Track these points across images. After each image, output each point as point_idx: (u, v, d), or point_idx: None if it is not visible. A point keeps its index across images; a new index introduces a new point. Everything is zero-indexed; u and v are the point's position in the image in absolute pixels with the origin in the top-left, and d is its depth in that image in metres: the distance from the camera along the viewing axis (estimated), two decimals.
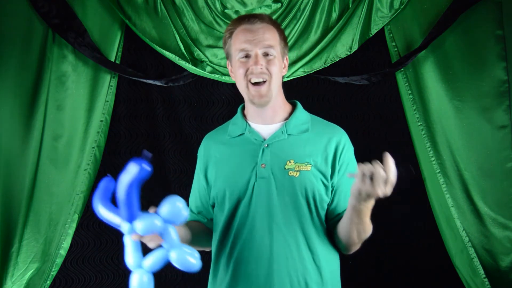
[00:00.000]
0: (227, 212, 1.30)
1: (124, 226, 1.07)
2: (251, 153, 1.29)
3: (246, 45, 1.25)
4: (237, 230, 1.28)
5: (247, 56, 1.26)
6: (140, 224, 1.05)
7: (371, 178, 1.03)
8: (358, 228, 1.22)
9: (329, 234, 1.35)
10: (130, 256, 1.11)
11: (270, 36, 1.26)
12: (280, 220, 1.25)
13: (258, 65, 1.23)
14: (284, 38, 1.32)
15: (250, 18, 1.27)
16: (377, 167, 1.03)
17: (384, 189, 1.03)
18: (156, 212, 1.09)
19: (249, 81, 1.26)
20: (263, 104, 1.27)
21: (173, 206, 1.08)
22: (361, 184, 1.06)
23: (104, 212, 1.10)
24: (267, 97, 1.26)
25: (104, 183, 1.13)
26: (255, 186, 1.26)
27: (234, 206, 1.28)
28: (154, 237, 1.10)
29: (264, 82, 1.25)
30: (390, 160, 1.04)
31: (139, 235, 1.08)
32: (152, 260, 1.10)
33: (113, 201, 1.14)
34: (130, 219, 1.05)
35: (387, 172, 1.03)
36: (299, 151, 1.28)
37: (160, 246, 1.13)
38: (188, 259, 1.10)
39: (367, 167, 1.04)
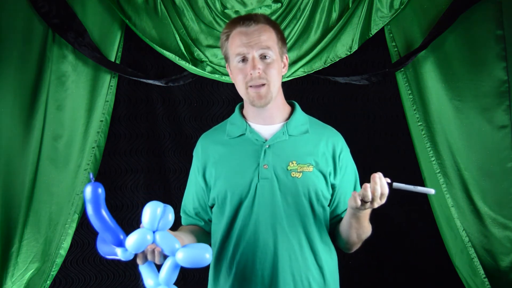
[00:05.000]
0: (229, 213, 1.29)
1: (118, 253, 1.05)
2: (252, 154, 1.29)
3: (242, 49, 1.24)
4: (239, 231, 1.28)
5: (244, 60, 1.25)
6: (131, 243, 1.02)
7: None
8: (358, 231, 1.26)
9: (329, 234, 1.36)
10: (149, 279, 1.09)
11: (267, 37, 1.25)
12: (283, 221, 1.25)
13: (256, 69, 1.23)
14: (281, 37, 1.31)
15: (244, 20, 1.26)
16: (374, 188, 1.09)
17: (380, 202, 1.11)
18: (141, 227, 1.06)
19: (249, 86, 1.26)
20: (263, 105, 1.27)
21: (155, 213, 1.04)
22: (360, 203, 1.13)
23: (103, 249, 1.08)
24: (266, 99, 1.26)
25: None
26: (257, 187, 1.26)
27: (236, 207, 1.28)
28: (157, 251, 1.08)
29: (263, 84, 1.25)
30: (382, 179, 1.11)
31: (142, 257, 1.06)
32: (165, 273, 1.08)
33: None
34: (119, 242, 1.03)
35: (382, 188, 1.10)
36: (300, 152, 1.29)
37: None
38: (196, 255, 1.05)
39: (366, 192, 1.10)
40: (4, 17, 1.88)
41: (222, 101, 2.10)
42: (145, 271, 1.10)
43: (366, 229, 1.26)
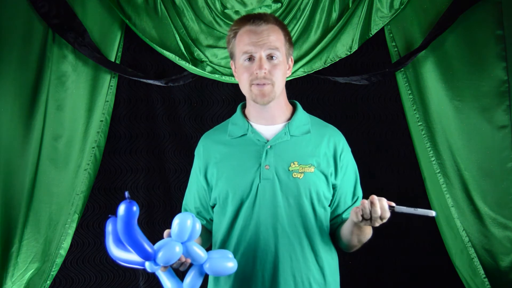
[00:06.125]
0: (230, 213, 1.29)
1: (147, 265, 1.07)
2: (254, 154, 1.29)
3: (250, 47, 1.24)
4: (240, 231, 1.28)
5: (251, 59, 1.25)
6: (161, 256, 1.05)
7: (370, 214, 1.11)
8: (359, 237, 1.28)
9: (330, 234, 1.36)
10: (168, 284, 1.12)
11: (275, 38, 1.25)
12: (284, 221, 1.26)
13: (262, 69, 1.23)
14: (289, 39, 1.31)
15: (254, 19, 1.26)
16: (374, 210, 1.09)
17: (380, 222, 1.12)
18: (169, 235, 1.09)
19: (252, 84, 1.26)
20: (265, 103, 1.27)
21: (185, 225, 1.07)
22: (361, 219, 1.13)
23: (121, 255, 1.09)
24: (269, 97, 1.26)
25: (110, 225, 1.11)
26: (259, 187, 1.26)
27: (238, 207, 1.28)
28: (186, 261, 1.12)
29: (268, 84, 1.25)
30: (383, 201, 1.10)
31: (166, 266, 1.08)
32: (190, 280, 1.12)
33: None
34: (148, 256, 1.05)
35: (382, 212, 1.10)
36: (302, 152, 1.29)
37: (192, 264, 1.14)
38: (222, 265, 1.12)
39: (365, 209, 1.10)
40: (4, 17, 1.88)
41: (222, 101, 2.10)
42: (164, 275, 1.12)
43: (368, 234, 1.28)
